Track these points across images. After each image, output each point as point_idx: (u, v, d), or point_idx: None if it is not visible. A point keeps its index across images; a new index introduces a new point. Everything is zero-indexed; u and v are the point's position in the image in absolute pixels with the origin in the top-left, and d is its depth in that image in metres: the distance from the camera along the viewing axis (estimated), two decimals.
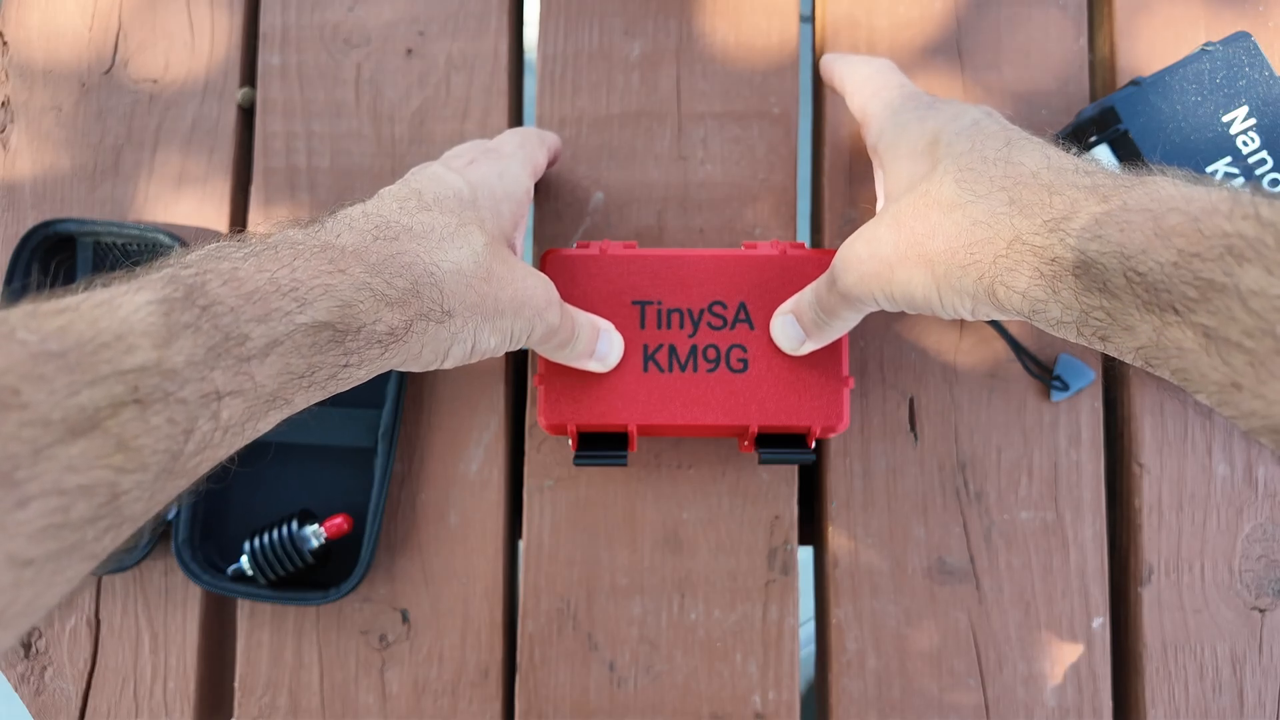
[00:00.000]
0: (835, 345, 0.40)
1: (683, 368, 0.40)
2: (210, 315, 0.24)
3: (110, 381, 0.22)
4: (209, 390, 0.24)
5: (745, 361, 0.40)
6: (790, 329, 0.39)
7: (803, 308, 0.39)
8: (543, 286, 0.36)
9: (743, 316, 0.41)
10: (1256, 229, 0.22)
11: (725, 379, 0.40)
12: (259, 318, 0.25)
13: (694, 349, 0.40)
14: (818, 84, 0.51)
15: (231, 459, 0.27)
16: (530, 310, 0.34)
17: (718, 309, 0.41)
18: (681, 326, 0.40)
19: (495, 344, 0.34)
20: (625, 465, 0.42)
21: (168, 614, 0.47)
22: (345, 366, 0.28)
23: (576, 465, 0.43)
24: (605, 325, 0.40)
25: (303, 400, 0.28)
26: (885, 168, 0.36)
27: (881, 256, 0.33)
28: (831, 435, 0.44)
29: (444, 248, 0.32)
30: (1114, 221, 0.25)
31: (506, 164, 0.37)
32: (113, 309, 0.23)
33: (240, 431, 0.26)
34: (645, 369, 0.40)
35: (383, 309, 0.29)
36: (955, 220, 0.30)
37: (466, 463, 0.47)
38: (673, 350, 0.40)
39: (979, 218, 0.30)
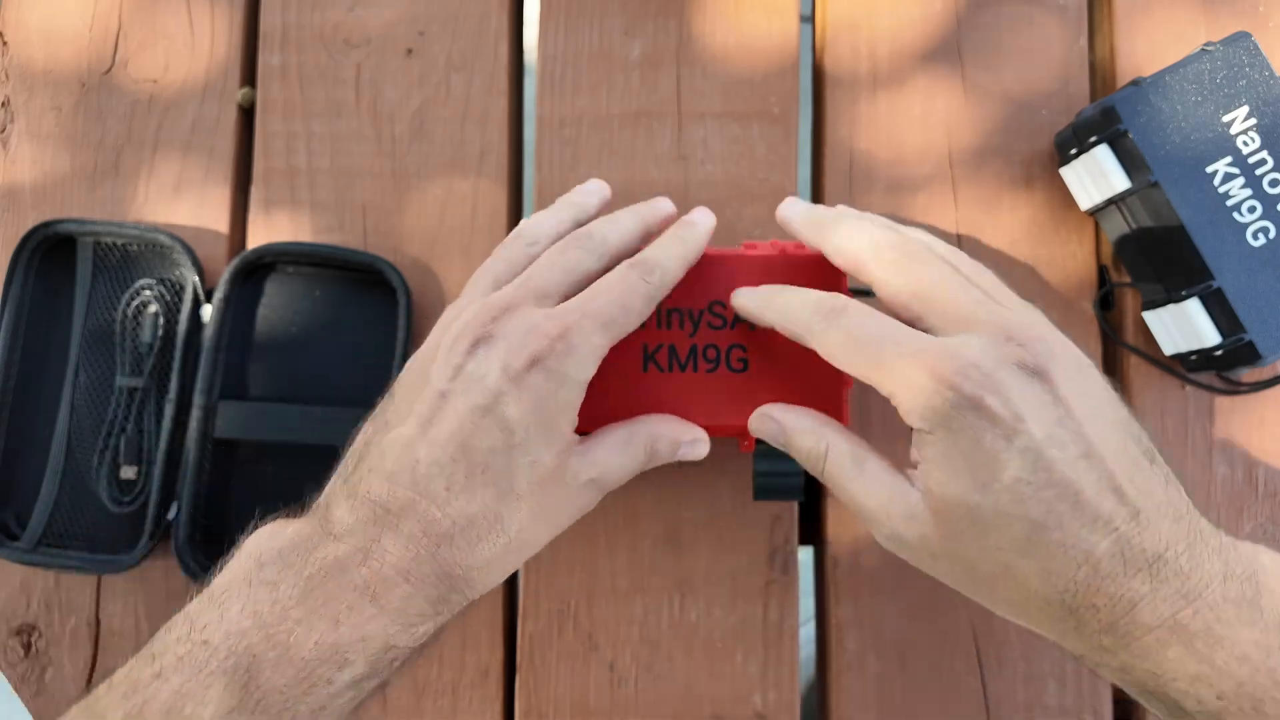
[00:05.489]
0: None
1: (682, 368, 0.40)
2: (263, 708, 0.28)
3: None
4: None
5: (745, 361, 0.40)
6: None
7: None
8: (555, 525, 0.34)
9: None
10: None
11: (725, 379, 0.40)
12: (305, 692, 0.28)
13: (694, 349, 0.40)
14: (818, 84, 0.51)
15: (231, 458, 0.27)
16: (550, 536, 0.34)
17: (717, 309, 0.40)
18: (681, 326, 0.40)
19: None
20: None
21: (169, 614, 0.47)
22: (374, 681, 0.31)
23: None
24: (681, 435, 0.38)
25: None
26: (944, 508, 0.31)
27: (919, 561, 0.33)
28: None
29: (478, 549, 0.31)
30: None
31: (570, 365, 0.32)
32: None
33: None
34: (645, 369, 0.40)
35: (416, 628, 0.31)
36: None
37: None
38: (672, 350, 0.40)
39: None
